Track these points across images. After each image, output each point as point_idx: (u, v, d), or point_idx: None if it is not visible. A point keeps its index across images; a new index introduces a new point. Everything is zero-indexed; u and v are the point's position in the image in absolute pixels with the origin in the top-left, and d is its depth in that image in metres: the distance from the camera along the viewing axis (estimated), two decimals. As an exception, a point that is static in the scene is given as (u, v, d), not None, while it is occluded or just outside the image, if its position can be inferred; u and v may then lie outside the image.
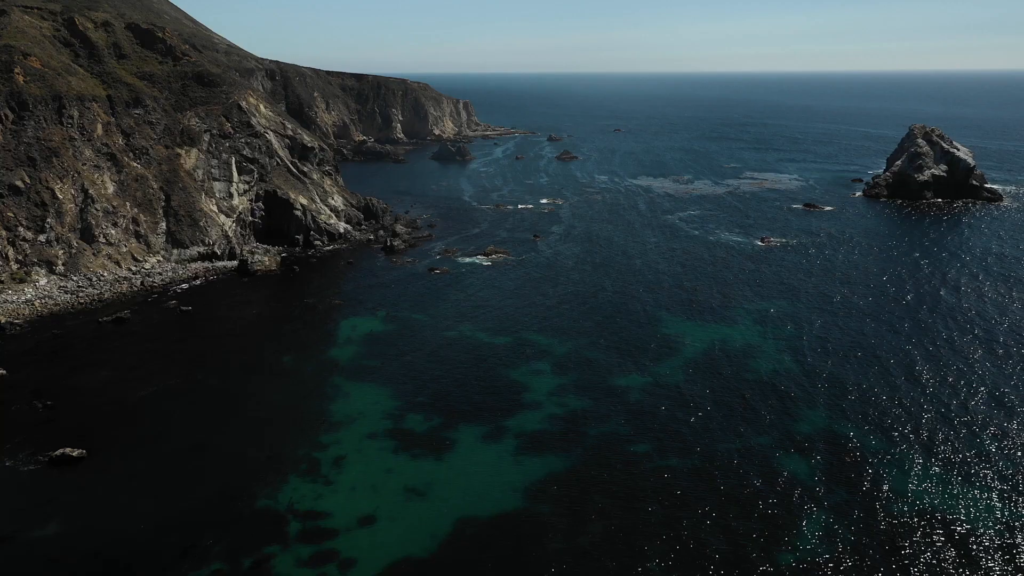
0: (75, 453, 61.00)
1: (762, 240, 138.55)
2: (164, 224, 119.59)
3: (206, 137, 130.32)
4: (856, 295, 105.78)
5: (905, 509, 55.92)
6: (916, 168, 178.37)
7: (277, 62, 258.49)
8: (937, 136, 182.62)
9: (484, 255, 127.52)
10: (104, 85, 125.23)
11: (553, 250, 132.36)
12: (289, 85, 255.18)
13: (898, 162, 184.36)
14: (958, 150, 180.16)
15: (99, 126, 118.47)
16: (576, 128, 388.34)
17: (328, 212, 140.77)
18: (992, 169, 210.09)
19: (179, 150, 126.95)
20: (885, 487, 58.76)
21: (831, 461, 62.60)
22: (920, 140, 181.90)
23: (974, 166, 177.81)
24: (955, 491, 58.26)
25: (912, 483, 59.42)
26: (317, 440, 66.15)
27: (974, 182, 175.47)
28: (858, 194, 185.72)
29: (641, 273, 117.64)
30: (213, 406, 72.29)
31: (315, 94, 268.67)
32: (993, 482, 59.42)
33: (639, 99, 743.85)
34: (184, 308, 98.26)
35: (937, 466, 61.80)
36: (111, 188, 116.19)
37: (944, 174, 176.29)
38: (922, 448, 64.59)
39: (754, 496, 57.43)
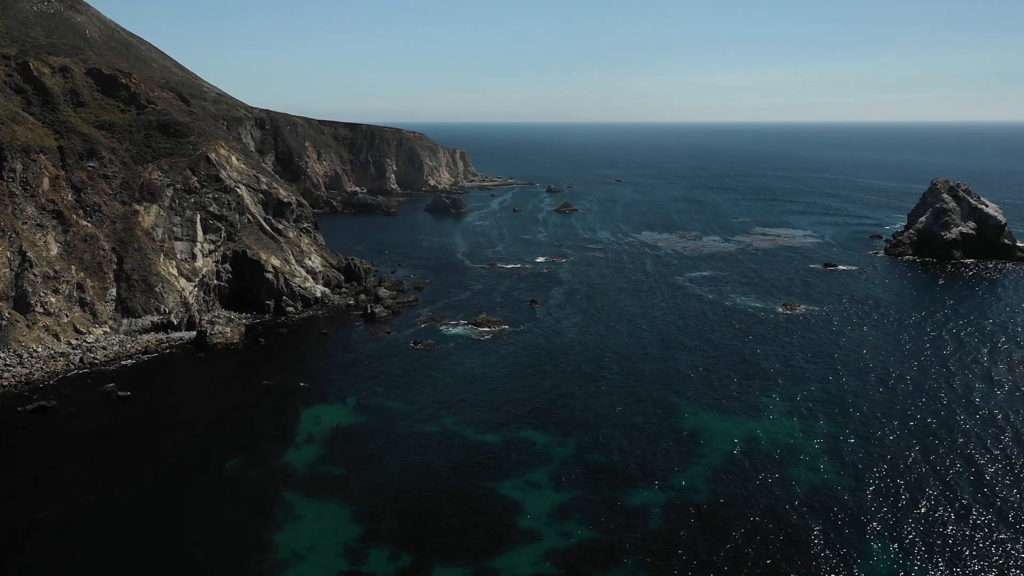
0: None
1: (784, 306, 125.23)
2: (114, 290, 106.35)
3: (169, 192, 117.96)
4: (893, 380, 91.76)
5: None
6: (942, 225, 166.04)
7: (267, 111, 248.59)
8: (963, 191, 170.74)
9: (475, 325, 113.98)
10: (56, 135, 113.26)
11: (552, 318, 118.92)
12: (279, 134, 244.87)
13: (922, 218, 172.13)
14: (987, 206, 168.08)
15: (45, 180, 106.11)
16: (576, 179, 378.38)
17: (304, 274, 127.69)
18: (1011, 225, 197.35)
19: (137, 207, 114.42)
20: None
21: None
22: (945, 195, 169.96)
23: (1005, 223, 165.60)
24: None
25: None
26: (250, 588, 51.88)
27: (1006, 241, 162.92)
28: (880, 252, 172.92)
29: (651, 348, 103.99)
30: (126, 533, 57.99)
31: (306, 143, 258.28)
32: None
33: (639, 149, 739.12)
34: (121, 394, 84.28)
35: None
36: (55, 250, 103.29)
37: (972, 232, 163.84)
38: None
39: None
